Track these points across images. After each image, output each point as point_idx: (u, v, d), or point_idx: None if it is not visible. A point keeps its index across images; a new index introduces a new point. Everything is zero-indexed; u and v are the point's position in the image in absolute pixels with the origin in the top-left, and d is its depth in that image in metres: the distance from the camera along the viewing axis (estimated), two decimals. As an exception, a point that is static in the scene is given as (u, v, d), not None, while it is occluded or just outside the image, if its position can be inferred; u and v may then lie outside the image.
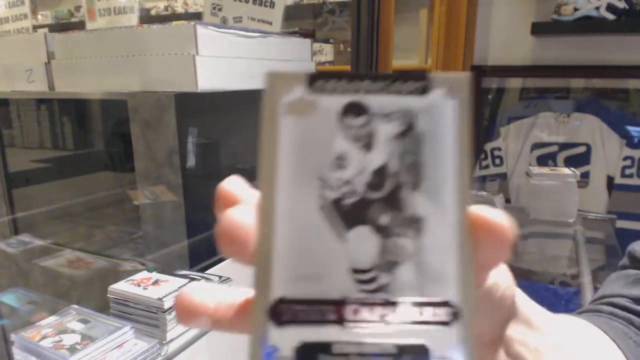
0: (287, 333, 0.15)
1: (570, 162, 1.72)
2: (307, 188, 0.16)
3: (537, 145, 1.79)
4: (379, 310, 0.16)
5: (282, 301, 0.16)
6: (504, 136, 1.85)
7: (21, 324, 0.74)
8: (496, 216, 0.17)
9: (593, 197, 1.69)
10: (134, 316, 0.75)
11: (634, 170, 1.64)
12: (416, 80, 0.17)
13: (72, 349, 0.67)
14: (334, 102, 0.17)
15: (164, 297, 0.74)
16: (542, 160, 1.78)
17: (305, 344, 0.15)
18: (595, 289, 0.44)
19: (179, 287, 0.77)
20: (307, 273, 0.16)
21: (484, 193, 1.29)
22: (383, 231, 0.16)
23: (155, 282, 0.79)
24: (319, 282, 0.16)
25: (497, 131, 1.86)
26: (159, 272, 0.82)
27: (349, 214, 0.16)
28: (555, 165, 1.75)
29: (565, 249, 1.16)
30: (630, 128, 1.66)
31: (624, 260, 0.43)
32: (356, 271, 0.16)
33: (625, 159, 1.65)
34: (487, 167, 1.87)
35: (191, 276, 0.82)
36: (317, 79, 0.17)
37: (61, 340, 0.69)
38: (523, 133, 1.81)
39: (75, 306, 0.77)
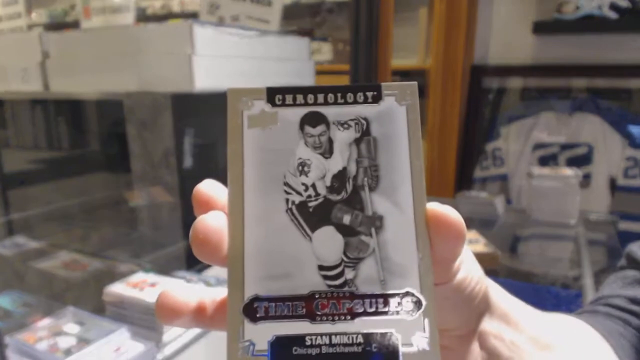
0: (262, 329, 0.17)
1: (572, 162, 1.71)
2: (273, 193, 0.18)
3: (538, 146, 1.78)
4: (346, 304, 0.17)
5: (255, 299, 0.17)
6: (505, 136, 1.84)
7: (16, 326, 0.74)
8: (450, 212, 0.18)
9: (595, 198, 1.68)
10: (130, 318, 0.75)
11: (636, 171, 1.63)
12: (368, 90, 0.19)
13: (68, 352, 0.66)
14: (293, 113, 0.18)
15: (160, 299, 0.73)
16: (544, 161, 1.77)
17: (279, 338, 0.17)
18: (597, 291, 0.45)
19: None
20: (278, 272, 0.17)
21: (484, 194, 1.28)
22: (346, 230, 0.18)
23: (152, 284, 0.78)
24: (289, 280, 0.17)
25: (497, 131, 1.85)
26: (155, 273, 0.82)
27: (314, 215, 0.18)
28: (557, 165, 1.74)
29: (566, 250, 1.15)
30: (632, 128, 1.65)
31: (622, 261, 0.43)
32: (323, 268, 0.18)
33: (627, 159, 1.64)
34: (487, 167, 1.86)
35: (188, 278, 0.81)
36: (276, 94, 0.19)
37: (56, 343, 0.68)
38: (524, 133, 1.80)
39: (71, 308, 0.77)
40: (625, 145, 1.65)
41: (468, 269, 0.21)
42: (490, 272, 0.30)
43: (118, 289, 0.76)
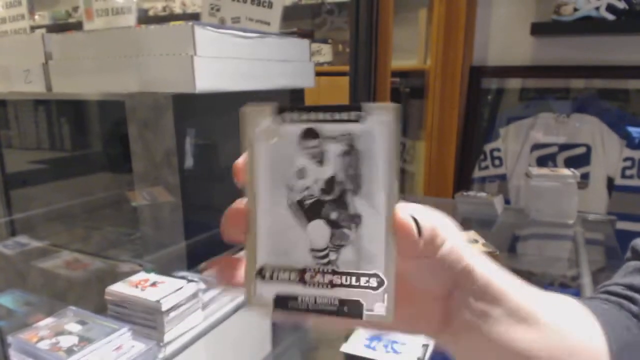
0: (268, 287, 0.23)
1: (570, 162, 1.72)
2: (278, 193, 0.23)
3: (536, 146, 1.79)
4: (328, 277, 0.23)
5: (264, 267, 0.24)
6: (504, 137, 1.84)
7: (18, 325, 0.74)
8: (407, 218, 0.23)
9: (593, 198, 1.69)
10: (131, 318, 0.75)
11: (634, 171, 1.63)
12: (354, 110, 0.22)
13: (70, 351, 0.66)
14: (294, 129, 0.23)
15: (162, 298, 0.73)
16: (542, 161, 1.77)
17: (279, 295, 0.23)
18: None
19: (177, 289, 0.77)
20: (281, 250, 0.23)
21: (483, 194, 1.29)
22: (333, 223, 0.23)
23: (153, 284, 0.78)
24: (289, 256, 0.23)
25: (496, 132, 1.85)
26: (156, 273, 0.82)
27: (309, 210, 0.23)
28: (555, 166, 1.74)
29: (565, 250, 1.15)
30: (630, 129, 1.66)
31: (628, 254, 0.45)
32: (314, 250, 0.23)
33: (625, 159, 1.65)
34: (486, 168, 1.87)
35: (189, 278, 0.81)
36: (282, 111, 0.23)
37: (58, 342, 0.69)
38: (523, 134, 1.81)
39: (73, 308, 0.77)
40: (623, 145, 1.66)
41: (450, 246, 0.25)
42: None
43: (120, 288, 0.77)
